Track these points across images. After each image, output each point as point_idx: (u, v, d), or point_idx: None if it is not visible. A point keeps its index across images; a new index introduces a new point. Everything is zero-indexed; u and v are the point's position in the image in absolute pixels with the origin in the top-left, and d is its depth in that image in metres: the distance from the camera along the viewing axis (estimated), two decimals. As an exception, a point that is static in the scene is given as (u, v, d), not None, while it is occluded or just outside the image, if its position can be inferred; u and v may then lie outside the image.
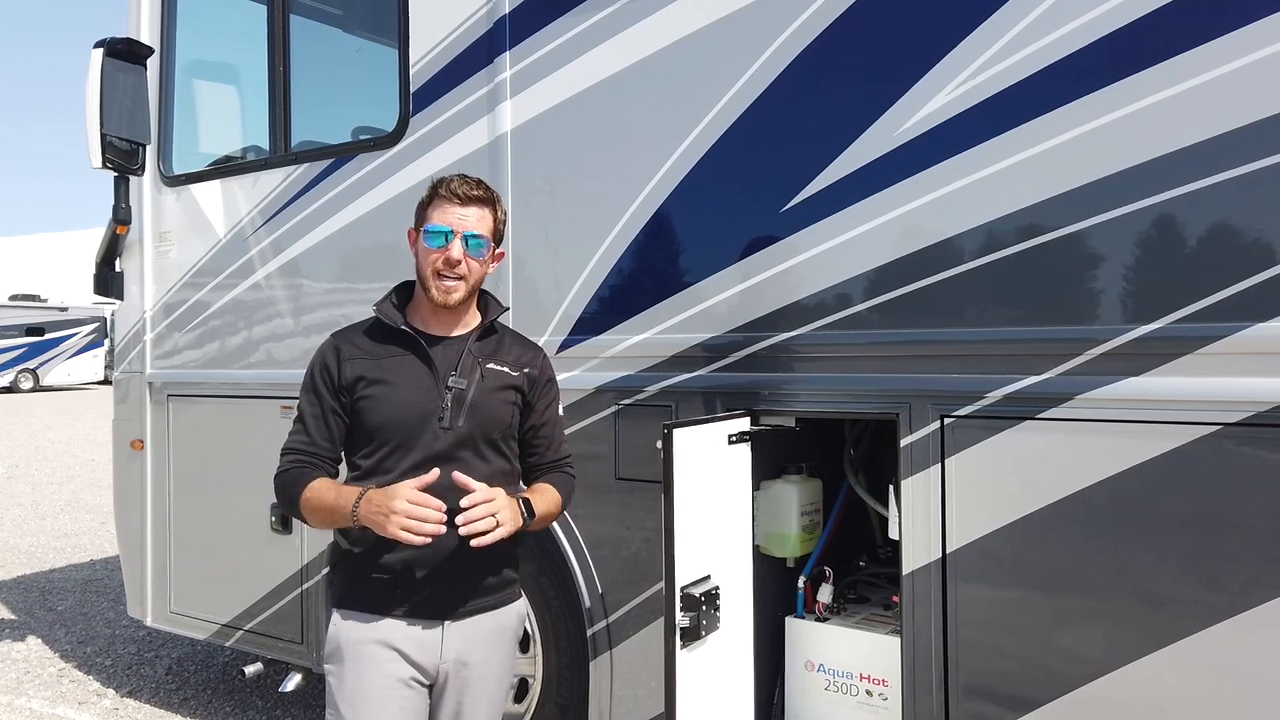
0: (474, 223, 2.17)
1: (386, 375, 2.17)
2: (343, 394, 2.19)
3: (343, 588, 2.19)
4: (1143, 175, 2.19)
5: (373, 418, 2.16)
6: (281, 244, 3.82)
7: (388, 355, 2.20)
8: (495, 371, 2.23)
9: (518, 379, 2.26)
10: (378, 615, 2.14)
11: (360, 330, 2.26)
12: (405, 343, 2.21)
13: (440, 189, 2.19)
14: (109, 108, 3.80)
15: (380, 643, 2.12)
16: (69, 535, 8.37)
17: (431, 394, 2.16)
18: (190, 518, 4.17)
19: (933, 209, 2.44)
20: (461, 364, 2.19)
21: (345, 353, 2.21)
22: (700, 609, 2.45)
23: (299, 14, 3.91)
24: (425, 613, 2.14)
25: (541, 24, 3.11)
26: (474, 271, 2.19)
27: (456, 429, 2.16)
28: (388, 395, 2.16)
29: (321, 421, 2.20)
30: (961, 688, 2.43)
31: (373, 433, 2.16)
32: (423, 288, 2.20)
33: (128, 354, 4.39)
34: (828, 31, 2.60)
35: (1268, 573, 2.07)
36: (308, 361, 2.27)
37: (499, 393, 2.22)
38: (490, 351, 2.25)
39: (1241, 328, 2.09)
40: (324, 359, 2.22)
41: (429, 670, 2.16)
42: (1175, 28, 2.16)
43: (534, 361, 2.32)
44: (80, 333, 29.16)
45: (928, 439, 2.45)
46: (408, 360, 2.19)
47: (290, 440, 2.23)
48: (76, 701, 4.55)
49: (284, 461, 2.22)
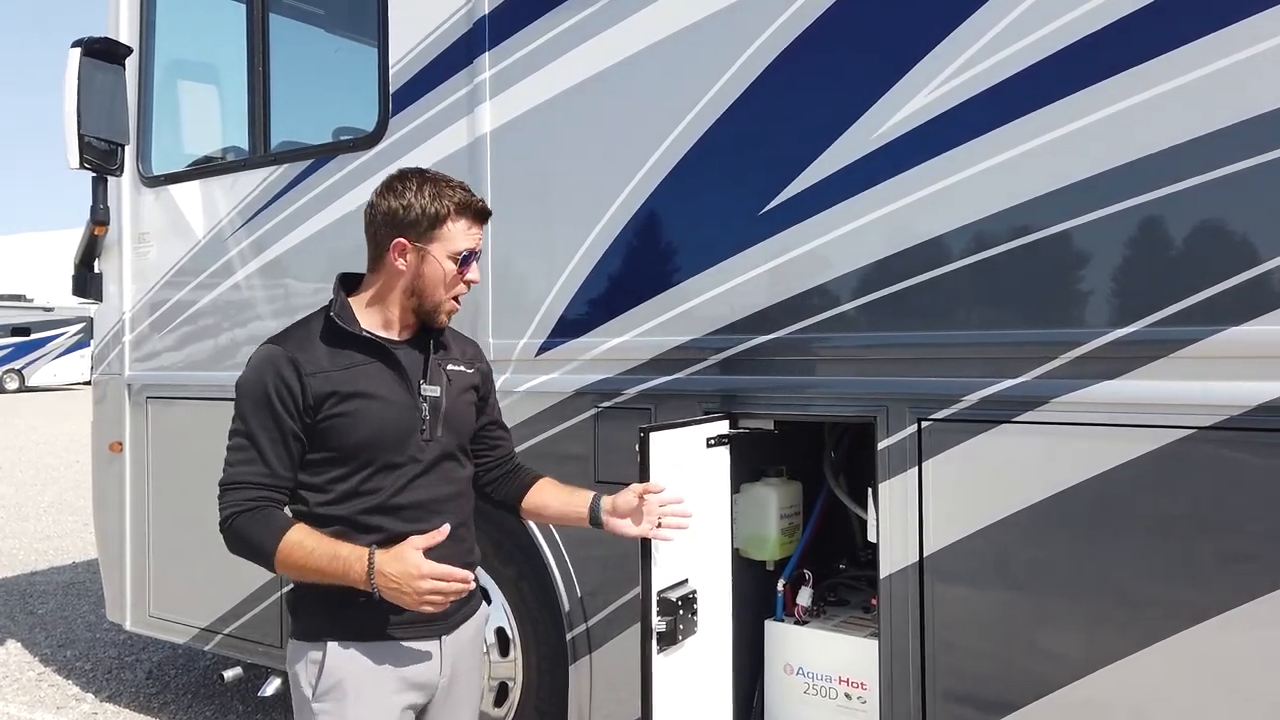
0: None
1: (360, 388, 1.97)
2: (307, 414, 1.95)
3: (325, 619, 1.98)
4: (1119, 178, 2.19)
5: (350, 436, 1.96)
6: (261, 245, 3.79)
7: (353, 365, 1.99)
8: (457, 373, 2.13)
9: (474, 377, 2.18)
10: (378, 641, 1.97)
11: (309, 336, 2.02)
12: (367, 350, 2.01)
13: (468, 208, 2.04)
14: (87, 108, 3.77)
15: (384, 673, 1.97)
16: (51, 538, 8.31)
17: (409, 405, 2.02)
18: (170, 521, 4.13)
19: (910, 212, 2.44)
20: (429, 370, 2.07)
21: (305, 366, 1.95)
22: (677, 613, 2.44)
23: (278, 13, 3.89)
24: (421, 632, 2.02)
25: (521, 25, 3.09)
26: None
27: (438, 440, 2.05)
28: (366, 411, 1.97)
29: (282, 447, 1.95)
30: (939, 690, 2.43)
31: (350, 452, 1.97)
32: (427, 305, 2.04)
33: (106, 355, 4.35)
34: (807, 32, 2.59)
35: (1243, 574, 2.07)
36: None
37: (464, 395, 2.14)
38: (444, 353, 2.14)
39: (1217, 331, 2.09)
40: (279, 374, 1.94)
41: (429, 691, 2.06)
42: (1154, 30, 2.15)
43: (479, 355, 2.25)
44: (66, 333, 28.98)
45: (905, 442, 2.44)
46: (377, 370, 2.01)
47: (238, 471, 1.96)
48: (55, 706, 4.51)
49: (236, 498, 1.95)
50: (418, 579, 1.86)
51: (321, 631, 1.98)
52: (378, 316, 2.07)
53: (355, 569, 1.87)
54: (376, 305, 2.07)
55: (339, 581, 1.89)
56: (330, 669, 1.96)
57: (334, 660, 1.96)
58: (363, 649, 1.97)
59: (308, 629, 2.01)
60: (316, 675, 1.97)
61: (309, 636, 2.00)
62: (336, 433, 1.96)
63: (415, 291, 2.04)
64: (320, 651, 1.97)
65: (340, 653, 1.96)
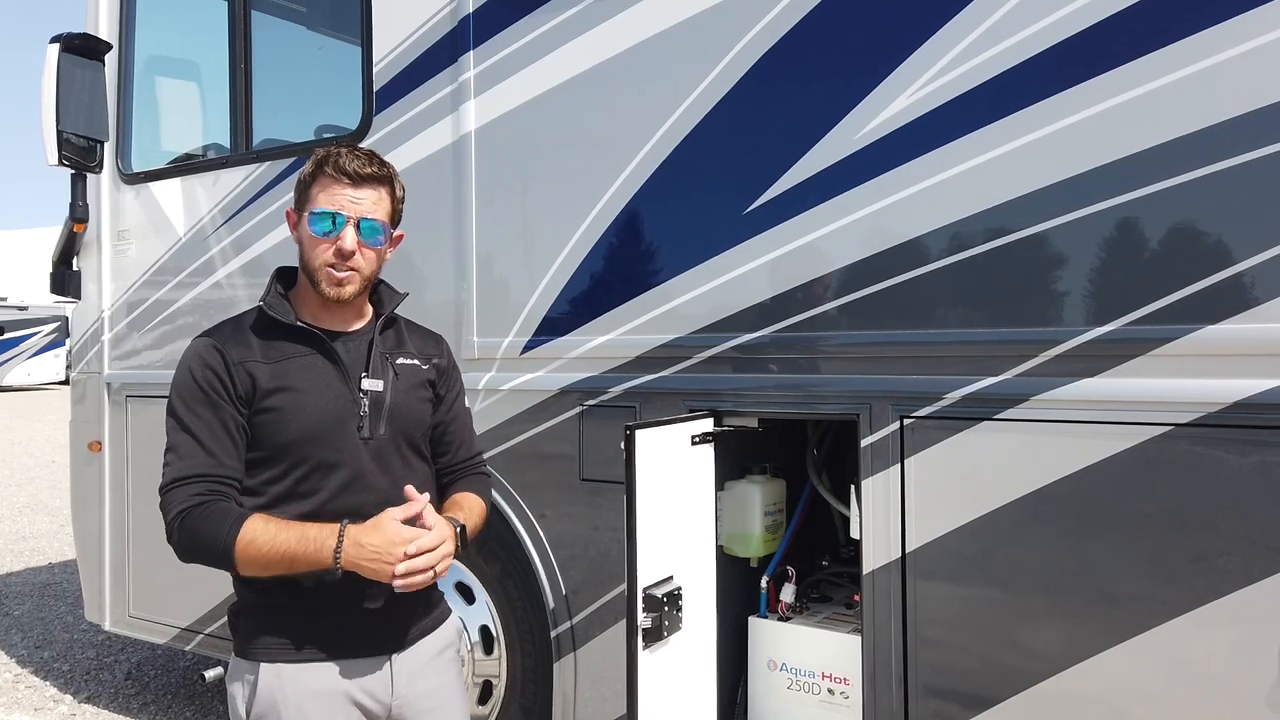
0: (369, 206, 1.87)
1: (289, 381, 1.84)
2: (244, 404, 1.83)
3: (265, 636, 1.85)
4: (1098, 179, 2.22)
5: (281, 434, 1.83)
6: (243, 243, 3.77)
7: (285, 357, 1.86)
8: (407, 367, 1.98)
9: (428, 372, 2.03)
10: (315, 661, 1.84)
11: (240, 328, 1.90)
12: (303, 340, 1.89)
13: (326, 165, 1.86)
14: (66, 104, 3.73)
15: (326, 693, 1.84)
16: (27, 538, 8.22)
17: (345, 400, 1.88)
18: (150, 521, 4.08)
19: (892, 212, 2.46)
20: (372, 363, 1.92)
21: (233, 356, 1.83)
22: (662, 610, 2.46)
23: (261, 10, 3.87)
24: (368, 650, 1.89)
25: (505, 24, 3.09)
26: (369, 261, 1.90)
27: (378, 437, 1.90)
28: (297, 405, 1.84)
29: (225, 435, 1.80)
30: (921, 685, 2.45)
31: (281, 451, 1.84)
32: (310, 281, 1.90)
33: (85, 354, 4.31)
34: (791, 33, 2.61)
35: (1218, 570, 2.10)
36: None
37: (414, 391, 1.99)
38: (394, 345, 2.00)
39: (1193, 330, 2.12)
40: (207, 364, 1.82)
41: (380, 713, 1.91)
42: (1133, 34, 2.18)
43: (439, 350, 2.09)
44: (41, 332, 28.60)
45: (887, 439, 2.47)
46: (311, 361, 1.88)
47: (179, 467, 1.79)
48: (33, 708, 4.47)
49: (180, 496, 1.77)
50: (400, 546, 1.74)
51: (258, 650, 1.86)
52: (310, 306, 1.94)
53: (328, 544, 1.75)
54: (305, 293, 1.95)
55: (311, 567, 1.76)
56: (263, 691, 1.83)
57: (268, 681, 1.83)
58: (301, 671, 1.84)
59: (244, 646, 1.89)
60: (250, 696, 1.85)
61: (245, 654, 1.88)
62: (268, 429, 1.84)
63: (303, 264, 1.92)
64: (254, 673, 1.85)
65: (275, 674, 1.83)
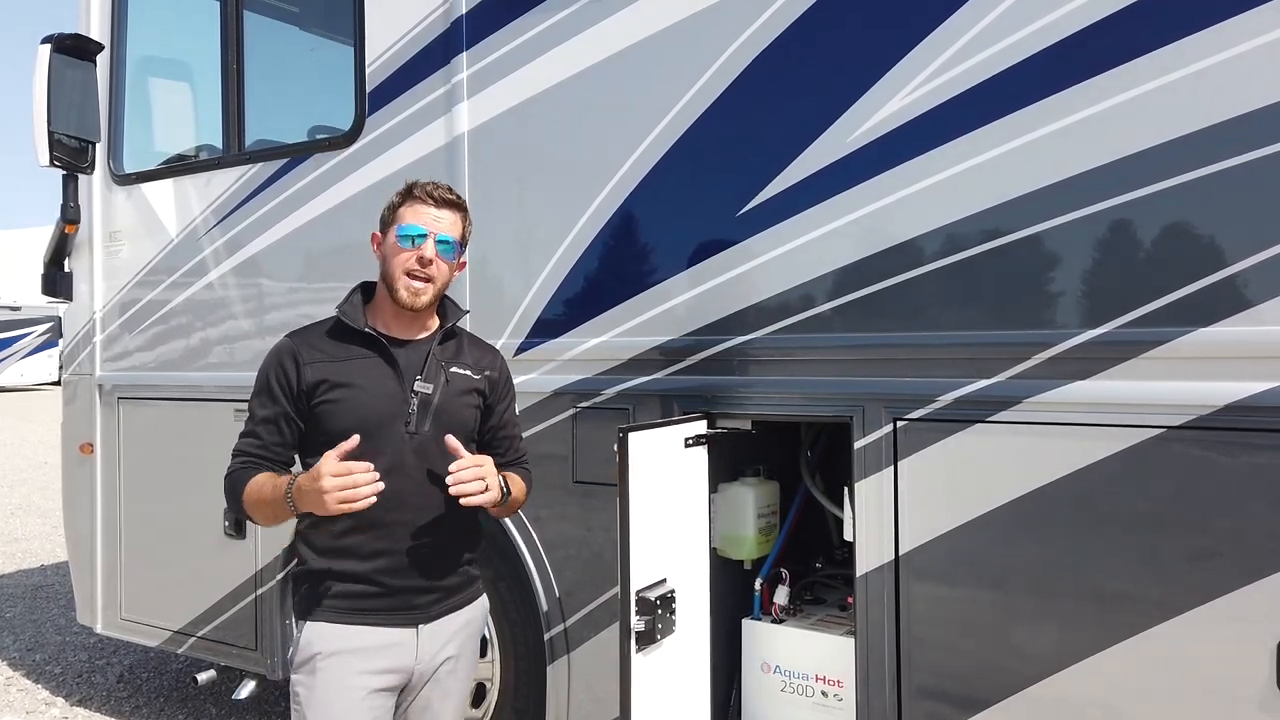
0: (447, 225, 2.19)
1: (350, 379, 2.15)
2: (301, 400, 2.15)
3: (311, 599, 2.16)
4: (1092, 182, 2.22)
5: (336, 422, 2.12)
6: (235, 244, 3.76)
7: (350, 358, 2.17)
8: (459, 375, 2.23)
9: (479, 382, 2.27)
10: (350, 624, 2.12)
11: (320, 331, 2.23)
12: (369, 345, 2.19)
13: (415, 191, 2.19)
14: (57, 104, 3.72)
15: (354, 651, 2.10)
16: (19, 540, 8.19)
17: (397, 398, 2.15)
18: (141, 523, 4.09)
19: (885, 214, 2.46)
20: (427, 368, 2.19)
21: (305, 356, 2.16)
22: (655, 612, 2.45)
23: (253, 10, 3.86)
24: (398, 619, 2.14)
25: (498, 25, 3.09)
26: (442, 274, 2.19)
27: (423, 434, 2.15)
28: (352, 399, 2.13)
29: (274, 426, 2.17)
30: (915, 687, 2.45)
31: (337, 437, 2.08)
32: (389, 288, 2.19)
33: (77, 355, 4.30)
34: (784, 35, 2.61)
35: (1211, 571, 2.11)
36: (261, 361, 2.23)
37: (463, 396, 2.23)
38: (452, 355, 2.26)
39: (1186, 332, 2.12)
40: (281, 363, 2.18)
41: (403, 676, 2.16)
42: (1128, 35, 2.19)
43: (493, 364, 2.34)
44: (34, 332, 28.50)
45: (881, 442, 2.47)
46: (372, 363, 2.17)
47: (240, 443, 2.21)
48: (24, 710, 4.44)
49: (234, 463, 2.20)
50: (319, 479, 1.96)
51: (304, 609, 2.16)
52: (383, 315, 2.24)
53: (281, 488, 2.06)
54: (380, 304, 2.25)
55: (279, 508, 2.08)
56: (308, 644, 2.12)
57: (309, 636, 2.13)
58: (336, 630, 2.11)
59: (296, 606, 2.20)
60: (295, 647, 2.16)
61: (297, 614, 2.19)
62: (328, 417, 2.13)
63: (384, 276, 2.21)
64: (301, 630, 2.16)
65: (315, 630, 2.12)
